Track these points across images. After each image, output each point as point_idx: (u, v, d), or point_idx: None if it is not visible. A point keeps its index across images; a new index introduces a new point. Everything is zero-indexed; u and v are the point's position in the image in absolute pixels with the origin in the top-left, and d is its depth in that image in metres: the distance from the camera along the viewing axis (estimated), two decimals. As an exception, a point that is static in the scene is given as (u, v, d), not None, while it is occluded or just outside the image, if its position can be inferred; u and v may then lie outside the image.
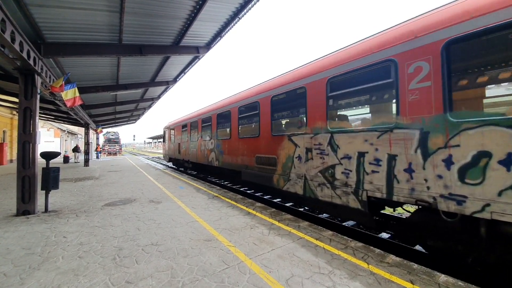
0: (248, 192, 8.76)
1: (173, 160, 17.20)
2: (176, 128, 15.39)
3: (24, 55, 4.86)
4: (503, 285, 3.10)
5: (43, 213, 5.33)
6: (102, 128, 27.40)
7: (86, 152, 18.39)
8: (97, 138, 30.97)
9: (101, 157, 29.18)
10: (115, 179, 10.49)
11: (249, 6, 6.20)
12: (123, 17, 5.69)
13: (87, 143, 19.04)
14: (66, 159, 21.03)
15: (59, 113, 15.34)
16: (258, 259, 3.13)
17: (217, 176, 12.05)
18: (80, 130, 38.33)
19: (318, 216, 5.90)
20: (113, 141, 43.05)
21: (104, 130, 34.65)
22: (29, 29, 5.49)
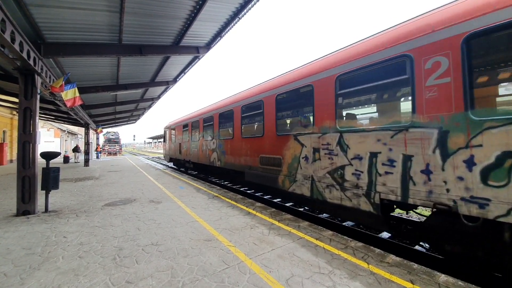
0: (248, 192, 8.76)
1: (173, 160, 17.09)
2: (177, 128, 15.23)
3: (24, 55, 4.86)
4: (503, 285, 3.10)
5: (43, 213, 5.33)
6: (102, 128, 27.43)
7: (86, 152, 18.39)
8: (97, 138, 30.99)
9: (101, 157, 29.19)
10: (115, 179, 10.49)
11: (249, 6, 6.20)
12: (123, 17, 5.69)
13: (87, 143, 19.05)
14: (66, 159, 21.03)
15: (59, 113, 15.35)
16: (258, 259, 3.13)
17: (218, 177, 12.01)
18: (80, 130, 38.34)
19: (318, 216, 5.90)
20: (113, 141, 43.07)
21: (104, 130, 34.68)
22: (29, 29, 5.49)
